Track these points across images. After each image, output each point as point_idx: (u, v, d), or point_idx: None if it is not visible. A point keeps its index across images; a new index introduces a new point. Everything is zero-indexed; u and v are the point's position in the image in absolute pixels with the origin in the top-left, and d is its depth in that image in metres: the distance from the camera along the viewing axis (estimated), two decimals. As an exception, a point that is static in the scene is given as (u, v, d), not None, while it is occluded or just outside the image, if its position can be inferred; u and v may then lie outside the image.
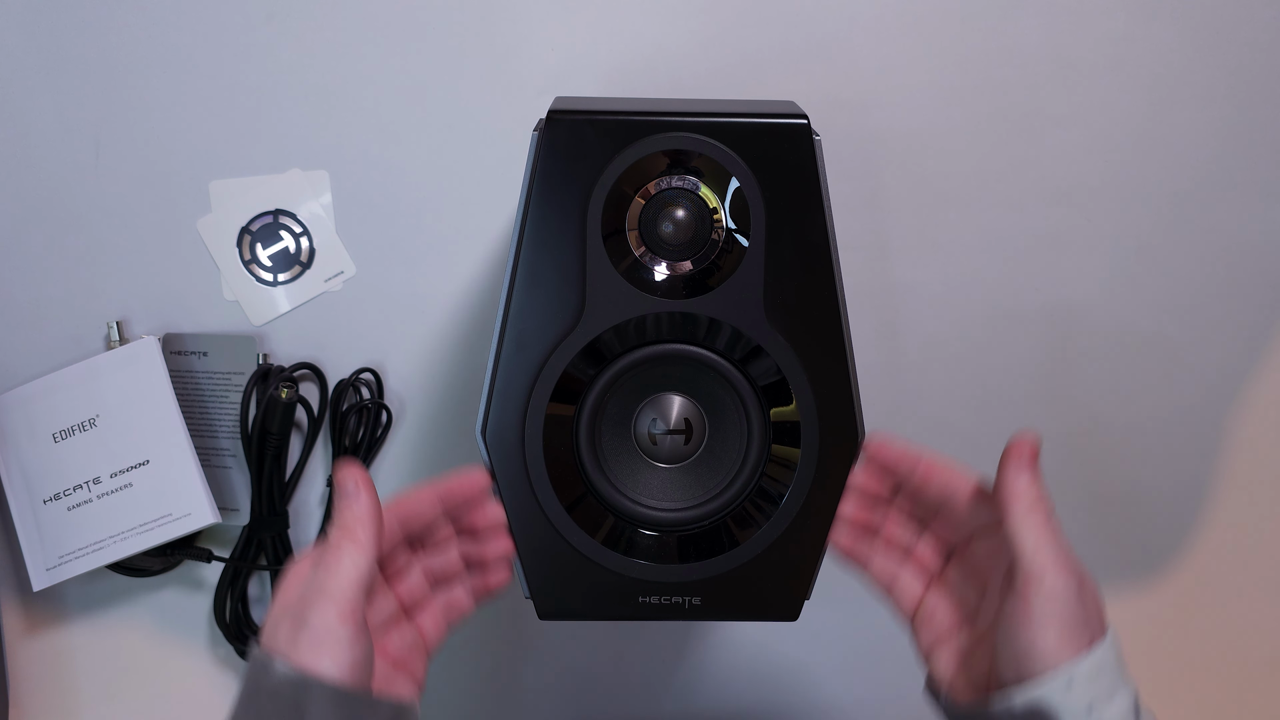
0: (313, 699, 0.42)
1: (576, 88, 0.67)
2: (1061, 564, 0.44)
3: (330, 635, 0.43)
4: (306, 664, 0.42)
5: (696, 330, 0.50)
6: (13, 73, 0.66)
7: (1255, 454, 0.73)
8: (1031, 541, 0.44)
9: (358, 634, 0.43)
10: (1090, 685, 0.43)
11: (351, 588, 0.44)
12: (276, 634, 0.43)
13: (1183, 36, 0.67)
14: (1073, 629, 0.43)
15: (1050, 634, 0.43)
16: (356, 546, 0.45)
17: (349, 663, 0.43)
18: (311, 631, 0.43)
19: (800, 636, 0.75)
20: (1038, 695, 0.43)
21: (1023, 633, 0.44)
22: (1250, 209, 0.69)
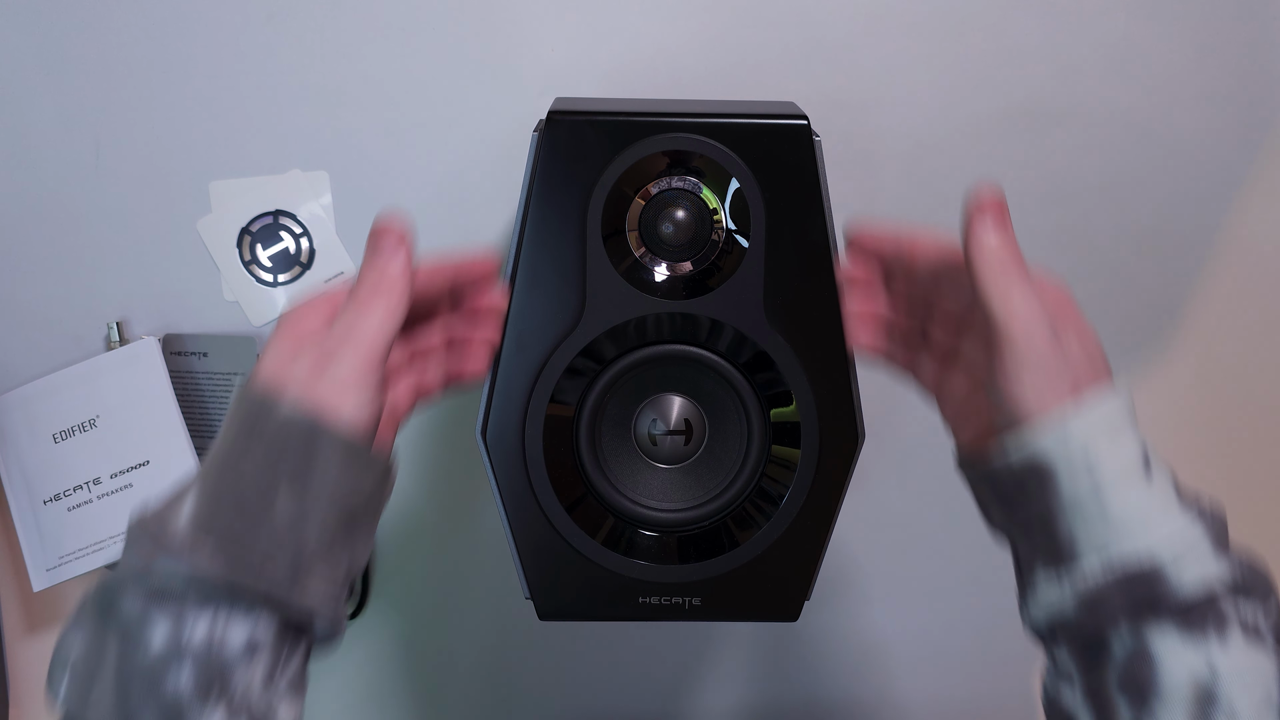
0: (323, 445, 0.41)
1: (576, 88, 0.67)
2: (1033, 315, 0.43)
3: (354, 384, 0.42)
4: (325, 407, 0.42)
5: (696, 331, 0.50)
6: (13, 73, 0.66)
7: (1257, 456, 0.73)
8: (999, 298, 0.44)
9: (376, 389, 0.43)
10: (1087, 434, 0.42)
11: (382, 343, 0.43)
12: (290, 372, 0.42)
13: (1183, 36, 0.67)
14: (1054, 380, 0.43)
15: (1028, 387, 0.43)
16: (392, 303, 0.44)
17: (365, 416, 0.43)
18: (336, 377, 0.42)
19: (800, 636, 0.75)
20: (1033, 447, 0.43)
21: (1003, 388, 0.43)
22: (1250, 209, 0.69)
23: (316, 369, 0.42)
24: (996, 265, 0.44)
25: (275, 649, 0.41)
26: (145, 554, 0.40)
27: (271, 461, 0.41)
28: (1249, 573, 0.42)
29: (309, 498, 0.41)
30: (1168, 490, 0.43)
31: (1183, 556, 0.41)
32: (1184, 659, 0.41)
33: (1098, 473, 0.42)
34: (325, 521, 0.42)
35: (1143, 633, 0.41)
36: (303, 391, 0.42)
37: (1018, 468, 0.43)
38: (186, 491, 0.42)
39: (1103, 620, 0.42)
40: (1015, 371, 0.43)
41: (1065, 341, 0.44)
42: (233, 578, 0.40)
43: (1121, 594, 0.41)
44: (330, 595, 0.43)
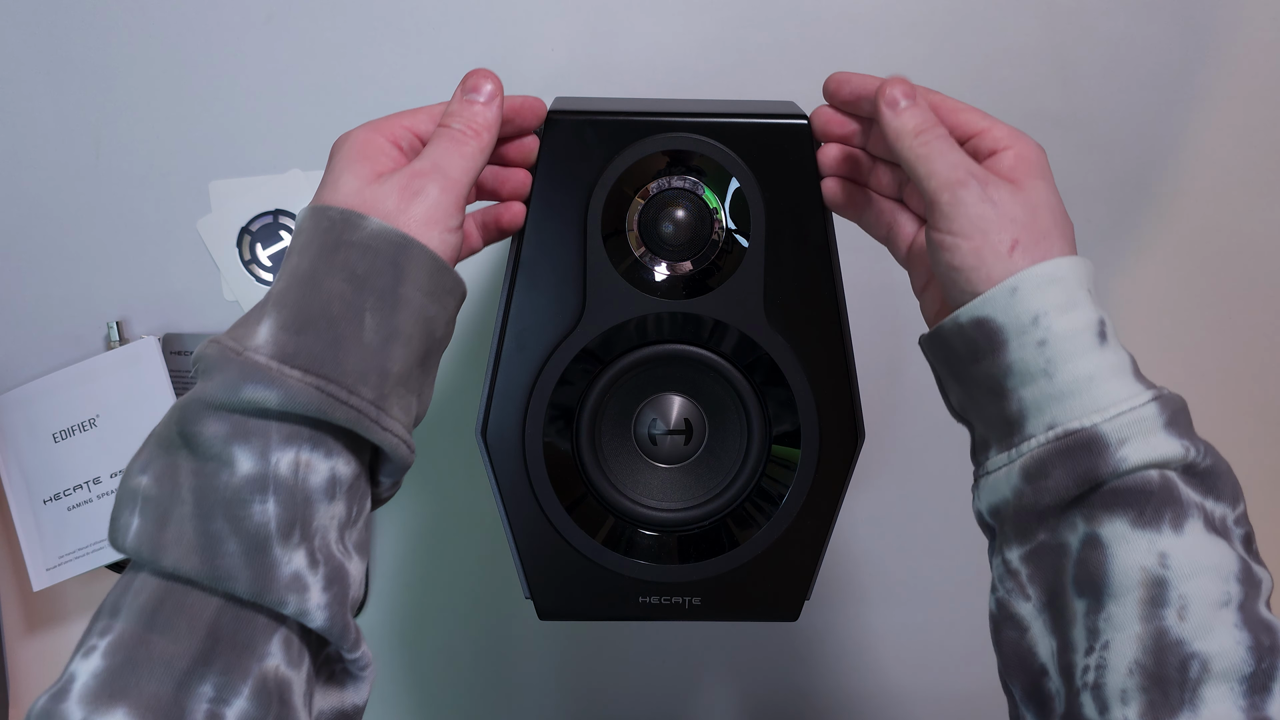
0: (413, 259, 0.41)
1: (576, 88, 0.67)
2: (957, 177, 0.42)
3: (445, 213, 0.42)
4: (414, 233, 0.41)
5: (696, 331, 0.50)
6: (13, 73, 0.66)
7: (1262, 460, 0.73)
8: (922, 168, 0.43)
9: (459, 229, 0.43)
10: (1037, 295, 0.40)
11: (468, 182, 0.43)
12: (375, 198, 0.41)
13: (1183, 36, 0.67)
14: (993, 242, 0.41)
15: (964, 252, 0.41)
16: (482, 145, 0.44)
17: (451, 245, 0.42)
18: (429, 204, 0.42)
19: (800, 636, 0.75)
20: (981, 306, 0.41)
21: (942, 257, 0.42)
22: (1250, 209, 0.69)
23: (403, 199, 0.41)
24: (912, 138, 0.43)
25: (350, 493, 0.40)
26: (230, 380, 0.38)
27: (360, 278, 0.40)
28: (1212, 463, 0.40)
29: (397, 317, 0.40)
30: (1123, 363, 0.41)
31: (1130, 428, 0.39)
32: (1135, 546, 0.38)
33: (1047, 335, 0.40)
34: (410, 345, 0.41)
35: (1094, 522, 0.39)
36: (392, 217, 0.41)
37: (967, 326, 0.42)
38: (260, 316, 0.40)
39: (1047, 496, 0.40)
40: (949, 239, 0.42)
41: (1013, 202, 0.42)
42: (322, 404, 0.38)
43: (1064, 463, 0.39)
44: (405, 432, 0.42)
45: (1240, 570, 0.39)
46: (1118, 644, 0.38)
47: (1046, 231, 0.42)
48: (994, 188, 0.42)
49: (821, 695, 0.77)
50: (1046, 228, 0.42)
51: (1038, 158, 0.44)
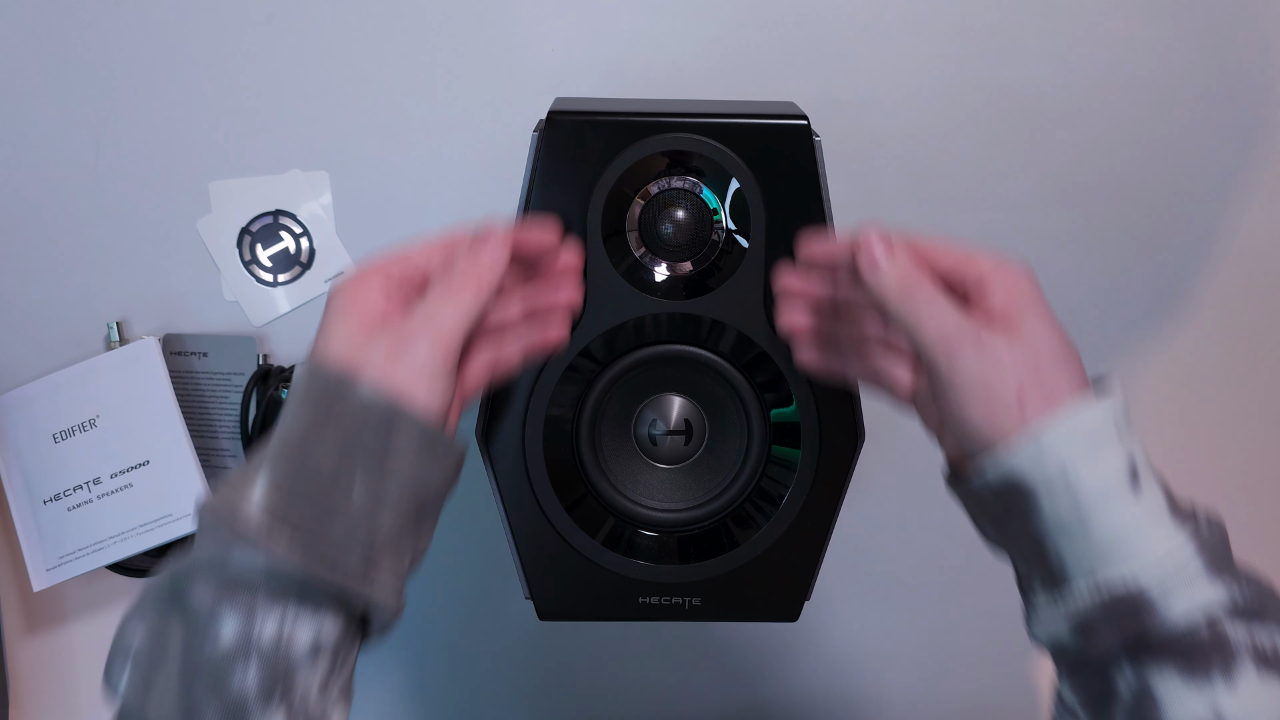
0: (402, 430, 0.41)
1: (576, 88, 0.67)
2: (950, 338, 0.41)
3: (432, 371, 0.42)
4: (403, 391, 0.41)
5: (697, 331, 0.50)
6: (13, 73, 0.66)
7: (1260, 460, 0.73)
8: (912, 327, 0.42)
9: (452, 375, 0.43)
10: (1063, 448, 0.40)
11: (462, 332, 0.43)
12: (366, 354, 0.41)
13: (1183, 36, 0.67)
14: (1000, 398, 0.40)
15: (973, 411, 0.41)
16: (480, 296, 0.43)
17: (441, 403, 0.42)
18: (415, 363, 0.41)
19: (800, 636, 0.75)
20: (1006, 465, 0.40)
21: (953, 414, 0.42)
22: (1250, 209, 0.69)
23: (393, 354, 0.41)
24: (897, 300, 0.43)
25: (335, 651, 0.41)
26: (220, 543, 0.39)
27: (349, 447, 0.40)
28: (1255, 593, 0.39)
29: (385, 486, 0.41)
30: (1158, 505, 0.40)
31: (1171, 579, 0.39)
32: (1188, 704, 0.38)
33: (1078, 490, 0.39)
34: (399, 510, 0.41)
35: (1144, 673, 0.39)
36: (380, 375, 0.41)
37: (996, 487, 0.41)
38: (254, 475, 0.40)
39: (1097, 648, 0.40)
40: (955, 397, 0.42)
41: (1011, 353, 0.41)
42: (308, 570, 0.39)
43: (1111, 621, 0.39)
44: (395, 588, 0.42)
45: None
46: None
47: (1051, 375, 0.41)
48: (988, 343, 0.41)
49: (821, 695, 0.77)
50: (1050, 371, 0.41)
51: (1027, 287, 0.43)
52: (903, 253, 0.44)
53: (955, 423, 0.42)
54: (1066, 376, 0.41)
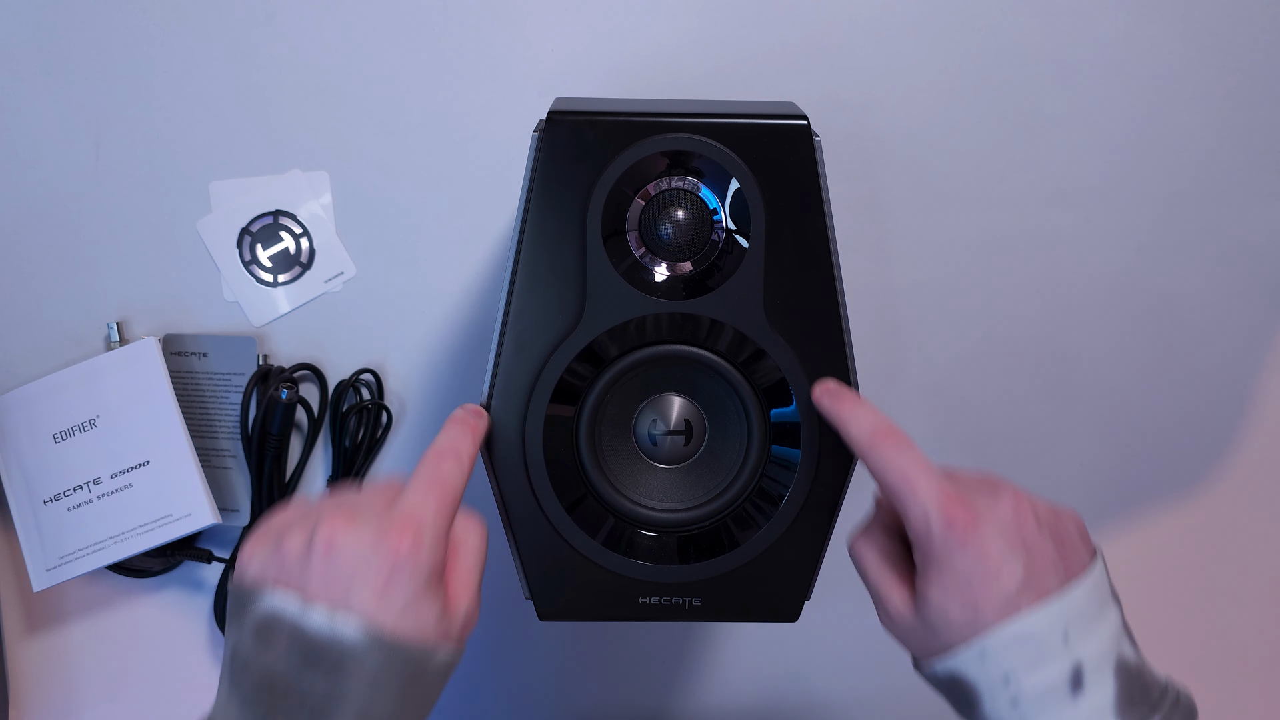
0: (453, 669, 0.43)
1: (576, 88, 0.67)
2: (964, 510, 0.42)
3: (475, 613, 0.44)
4: (460, 643, 0.43)
5: (696, 331, 0.50)
6: (13, 73, 0.66)
7: (1258, 458, 0.73)
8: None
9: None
10: (1007, 655, 0.41)
11: (480, 570, 0.45)
12: (424, 619, 0.41)
13: (1183, 36, 0.67)
14: (972, 599, 0.41)
15: (952, 606, 0.42)
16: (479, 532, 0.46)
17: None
18: (469, 616, 0.44)
19: (800, 637, 0.75)
20: (952, 665, 0.42)
21: (926, 600, 0.43)
22: (1250, 209, 0.69)
23: (443, 616, 0.42)
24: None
25: None
26: None
27: (426, 709, 0.42)
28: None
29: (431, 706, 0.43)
30: (1103, 704, 0.41)
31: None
32: None
33: (1015, 686, 0.41)
34: None
35: None
36: (447, 640, 0.42)
37: (944, 680, 0.43)
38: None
39: None
40: (935, 574, 0.42)
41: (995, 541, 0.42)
42: None
43: None
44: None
45: None
46: None
47: (1041, 583, 0.42)
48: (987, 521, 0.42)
49: (821, 695, 0.77)
50: (1042, 580, 0.42)
51: (1011, 502, 0.43)
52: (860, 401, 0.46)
53: (928, 606, 0.43)
54: (1045, 576, 0.42)
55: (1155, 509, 0.74)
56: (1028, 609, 0.41)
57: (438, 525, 0.43)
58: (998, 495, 0.43)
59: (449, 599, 0.43)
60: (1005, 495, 0.43)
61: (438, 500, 0.43)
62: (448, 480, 0.44)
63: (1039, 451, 0.73)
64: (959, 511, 0.42)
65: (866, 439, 0.45)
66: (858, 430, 0.46)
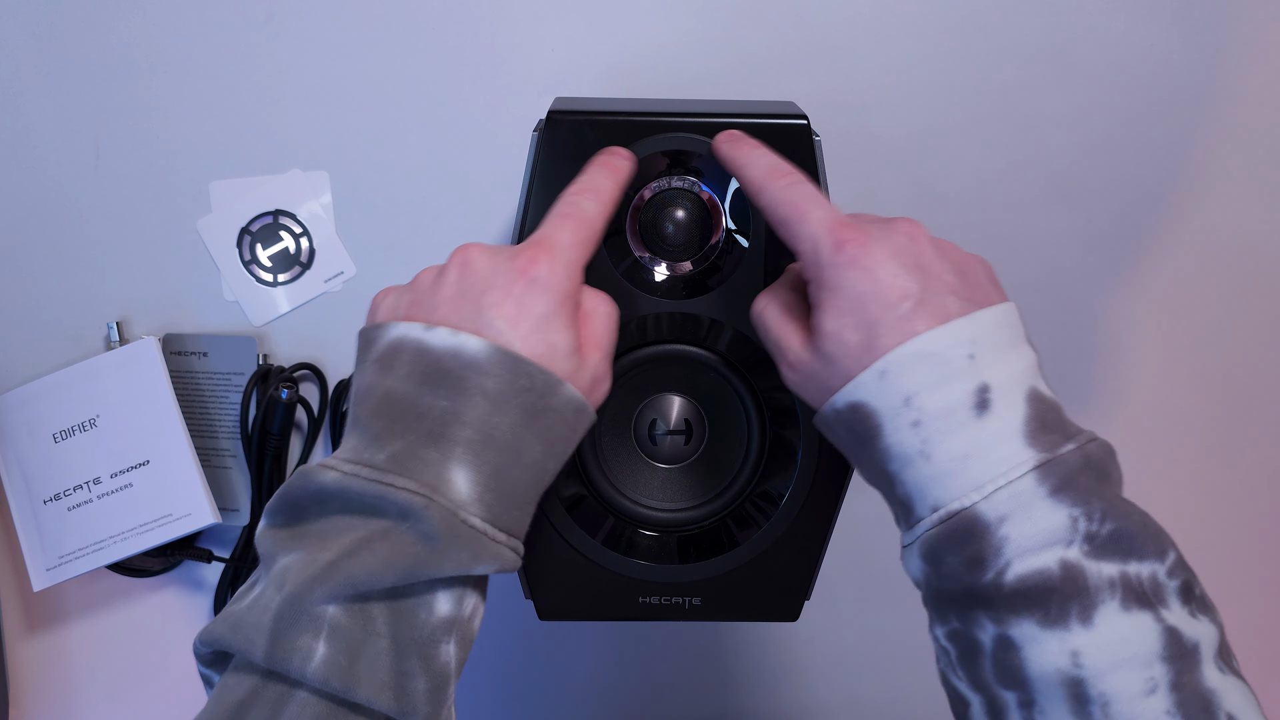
0: (585, 421, 0.41)
1: (576, 88, 0.67)
2: (830, 225, 0.40)
3: (606, 380, 0.43)
4: (594, 392, 0.42)
5: (696, 331, 0.50)
6: (13, 73, 0.66)
7: (1256, 456, 0.73)
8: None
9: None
10: (907, 374, 0.38)
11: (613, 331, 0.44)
12: (574, 364, 0.40)
13: (1183, 36, 0.67)
14: (866, 319, 0.39)
15: (845, 329, 0.39)
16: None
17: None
18: (599, 375, 0.42)
19: (800, 637, 0.75)
20: (850, 393, 0.39)
21: (822, 331, 0.40)
22: (1250, 209, 0.69)
23: (579, 368, 0.41)
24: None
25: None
26: (464, 559, 0.38)
27: (552, 445, 0.40)
28: (1115, 526, 0.37)
29: (561, 466, 0.42)
30: (1008, 427, 0.38)
31: (1006, 503, 0.37)
32: (1046, 648, 0.36)
33: (920, 414, 0.38)
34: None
35: (1002, 622, 0.37)
36: (575, 379, 0.41)
37: (844, 413, 0.40)
38: (449, 464, 0.38)
39: (950, 583, 0.38)
40: (828, 300, 0.40)
41: (886, 261, 0.39)
42: (516, 564, 0.40)
43: (952, 547, 0.38)
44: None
45: (1165, 646, 0.36)
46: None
47: (944, 305, 0.39)
48: (878, 241, 0.40)
49: (822, 695, 0.77)
50: (945, 300, 0.39)
51: (912, 225, 0.41)
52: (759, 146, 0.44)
53: (822, 335, 0.40)
54: (945, 290, 0.40)
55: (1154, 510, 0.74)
56: (927, 330, 0.38)
57: (573, 254, 0.41)
58: (893, 223, 0.41)
59: (581, 344, 0.41)
60: (901, 223, 0.41)
61: (573, 230, 0.42)
62: (585, 214, 0.43)
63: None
64: (848, 233, 0.40)
65: (760, 178, 0.43)
66: (752, 172, 0.43)
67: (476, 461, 0.38)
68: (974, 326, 0.39)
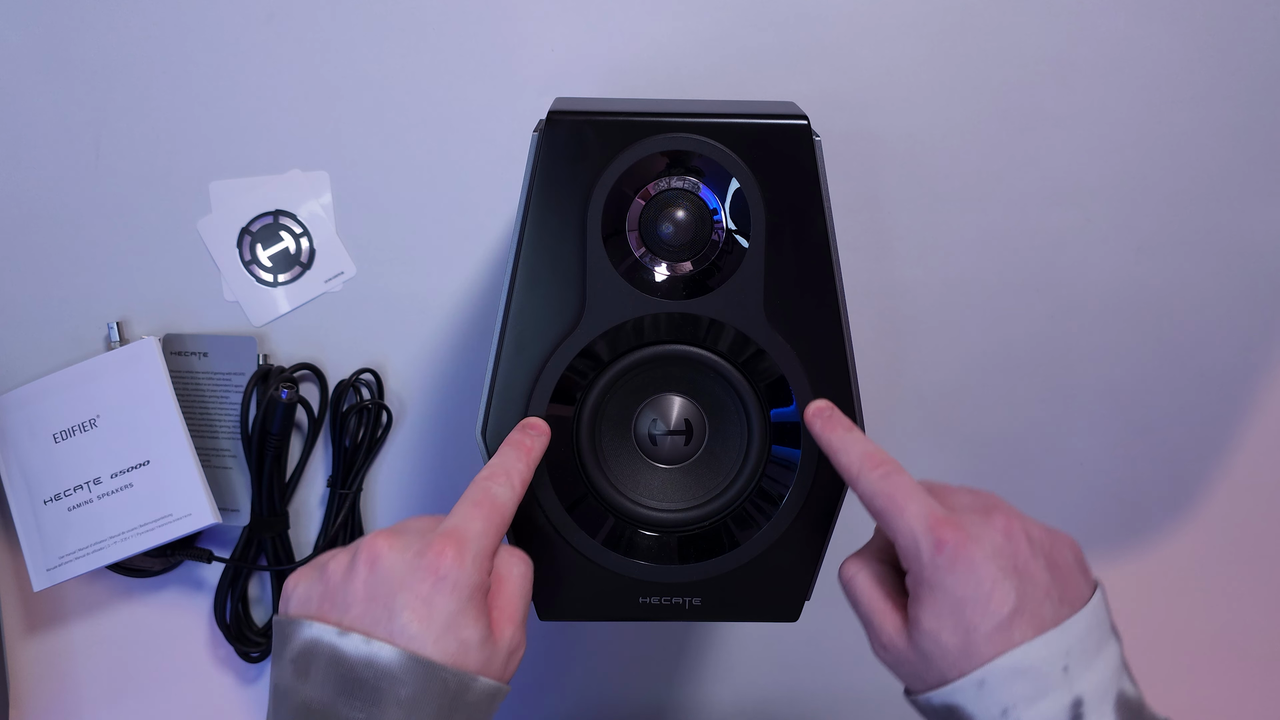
0: (499, 702, 0.42)
1: (576, 88, 0.67)
2: (953, 531, 0.41)
3: (521, 646, 0.44)
4: (505, 676, 0.43)
5: (696, 331, 0.50)
6: (13, 73, 0.66)
7: (1256, 455, 0.73)
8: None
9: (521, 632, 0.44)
10: (1006, 687, 0.40)
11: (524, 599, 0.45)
12: (486, 656, 0.41)
13: (1183, 36, 0.67)
14: (964, 623, 0.40)
15: (944, 630, 0.41)
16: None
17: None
18: (513, 648, 0.43)
19: (800, 637, 0.75)
20: (948, 696, 0.41)
21: (919, 625, 0.41)
22: (1250, 209, 0.69)
23: (489, 653, 0.42)
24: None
25: None
26: None
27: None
28: None
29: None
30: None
31: None
32: None
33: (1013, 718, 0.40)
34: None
35: None
36: (486, 665, 0.41)
37: (939, 710, 0.42)
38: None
39: None
40: (926, 597, 0.41)
41: (986, 564, 0.41)
42: None
43: None
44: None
45: None
46: None
47: (1039, 612, 0.41)
48: (979, 541, 0.41)
49: (822, 695, 0.77)
50: (1040, 608, 0.41)
51: (1009, 524, 0.42)
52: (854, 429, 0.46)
53: (923, 634, 0.42)
54: (1041, 596, 0.41)
55: (1155, 509, 0.74)
56: (1025, 641, 0.40)
57: (482, 543, 0.42)
58: (989, 516, 0.42)
59: (493, 626, 0.42)
60: (997, 517, 0.42)
61: (484, 519, 0.43)
62: (495, 500, 0.44)
63: (1039, 452, 0.73)
64: (948, 533, 0.41)
65: (855, 467, 0.45)
66: (847, 459, 0.45)
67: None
68: (1068, 637, 0.41)
